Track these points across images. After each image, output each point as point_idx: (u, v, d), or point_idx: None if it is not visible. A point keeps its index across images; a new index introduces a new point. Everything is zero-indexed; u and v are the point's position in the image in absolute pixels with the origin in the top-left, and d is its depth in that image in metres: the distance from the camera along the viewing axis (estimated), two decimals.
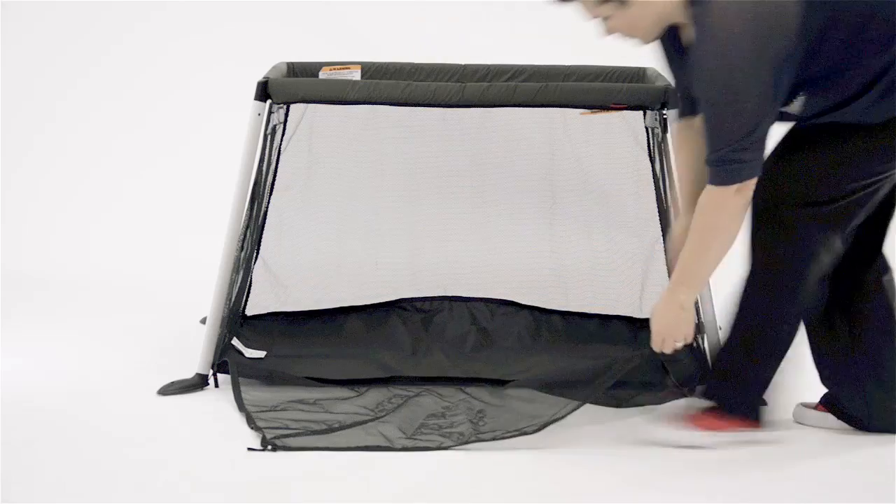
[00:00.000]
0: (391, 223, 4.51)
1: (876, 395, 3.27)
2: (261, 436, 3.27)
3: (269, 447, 3.21)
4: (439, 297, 4.41)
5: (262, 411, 3.45)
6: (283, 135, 4.08)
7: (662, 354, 3.30)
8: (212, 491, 2.97)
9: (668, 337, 3.24)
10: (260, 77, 3.77)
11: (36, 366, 3.93)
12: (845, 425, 3.34)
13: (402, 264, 4.48)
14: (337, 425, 3.35)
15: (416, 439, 3.30)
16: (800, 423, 3.38)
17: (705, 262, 3.12)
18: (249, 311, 4.28)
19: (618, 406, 3.53)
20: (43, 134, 5.54)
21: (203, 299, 3.93)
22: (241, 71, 4.64)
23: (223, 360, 3.78)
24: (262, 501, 2.92)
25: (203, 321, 3.95)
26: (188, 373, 3.73)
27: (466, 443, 3.26)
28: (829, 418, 3.34)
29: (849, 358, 3.29)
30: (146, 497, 2.89)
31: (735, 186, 3.02)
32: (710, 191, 3.06)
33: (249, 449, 3.20)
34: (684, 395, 3.54)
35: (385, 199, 4.51)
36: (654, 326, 3.25)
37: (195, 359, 3.74)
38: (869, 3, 3.00)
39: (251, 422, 3.38)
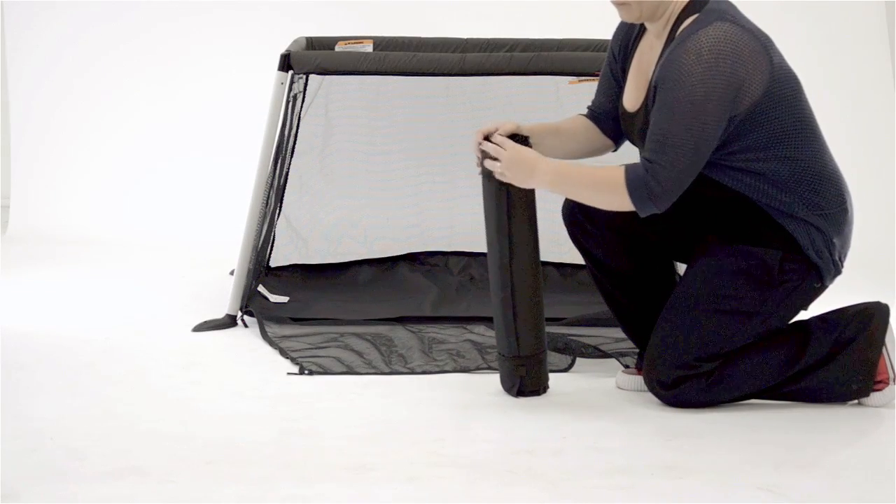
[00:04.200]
0: (400, 183, 4.78)
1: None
2: (296, 363, 3.57)
3: (306, 371, 3.52)
4: (443, 251, 4.73)
5: (293, 349, 3.73)
6: (303, 102, 4.32)
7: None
8: (253, 402, 3.28)
9: (507, 160, 3.22)
10: (282, 50, 4.02)
11: (86, 306, 4.33)
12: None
13: (410, 221, 4.78)
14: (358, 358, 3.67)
15: (435, 362, 3.62)
16: (621, 389, 3.44)
17: (578, 189, 3.21)
18: (273, 264, 4.59)
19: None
20: (82, 101, 5.73)
21: (231, 254, 4.24)
22: (266, 44, 4.90)
23: (250, 303, 4.08)
24: (296, 411, 3.19)
25: (232, 273, 4.25)
26: (219, 314, 4.06)
27: (478, 369, 3.58)
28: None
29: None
30: (191, 412, 3.19)
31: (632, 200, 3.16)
32: (621, 178, 3.14)
33: (289, 374, 3.52)
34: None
35: (395, 161, 4.79)
36: (508, 150, 3.23)
37: (225, 303, 4.07)
38: None
39: (285, 353, 3.68)
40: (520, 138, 3.32)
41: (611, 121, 3.46)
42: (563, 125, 3.49)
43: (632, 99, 3.33)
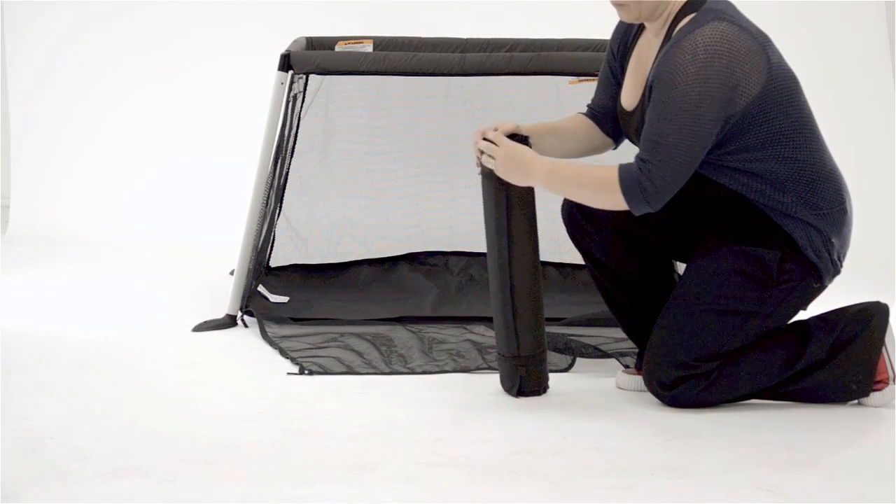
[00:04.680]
0: (400, 183, 4.78)
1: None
2: (296, 363, 3.57)
3: (307, 371, 3.52)
4: (443, 251, 4.72)
5: (293, 349, 3.73)
6: (303, 102, 4.33)
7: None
8: (253, 402, 3.29)
9: (502, 158, 3.23)
10: (282, 50, 4.03)
11: (86, 306, 4.33)
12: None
13: (410, 221, 4.78)
14: (358, 358, 3.67)
15: (435, 362, 3.62)
16: (621, 389, 3.44)
17: (573, 188, 3.20)
18: (273, 264, 4.59)
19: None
20: (82, 101, 5.72)
21: (231, 254, 4.24)
22: (266, 44, 4.91)
23: (250, 303, 4.08)
24: (296, 411, 3.20)
25: (232, 273, 4.25)
26: (219, 314, 4.06)
27: (478, 369, 3.58)
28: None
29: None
30: (191, 412, 3.18)
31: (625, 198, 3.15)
32: (615, 177, 3.13)
33: (289, 374, 3.52)
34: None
35: (395, 161, 4.78)
36: (503, 148, 3.24)
37: (225, 303, 4.07)
38: None
39: (285, 354, 3.68)
40: (519, 138, 3.32)
41: (610, 119, 3.46)
42: (562, 124, 3.49)
43: (629, 97, 3.33)
